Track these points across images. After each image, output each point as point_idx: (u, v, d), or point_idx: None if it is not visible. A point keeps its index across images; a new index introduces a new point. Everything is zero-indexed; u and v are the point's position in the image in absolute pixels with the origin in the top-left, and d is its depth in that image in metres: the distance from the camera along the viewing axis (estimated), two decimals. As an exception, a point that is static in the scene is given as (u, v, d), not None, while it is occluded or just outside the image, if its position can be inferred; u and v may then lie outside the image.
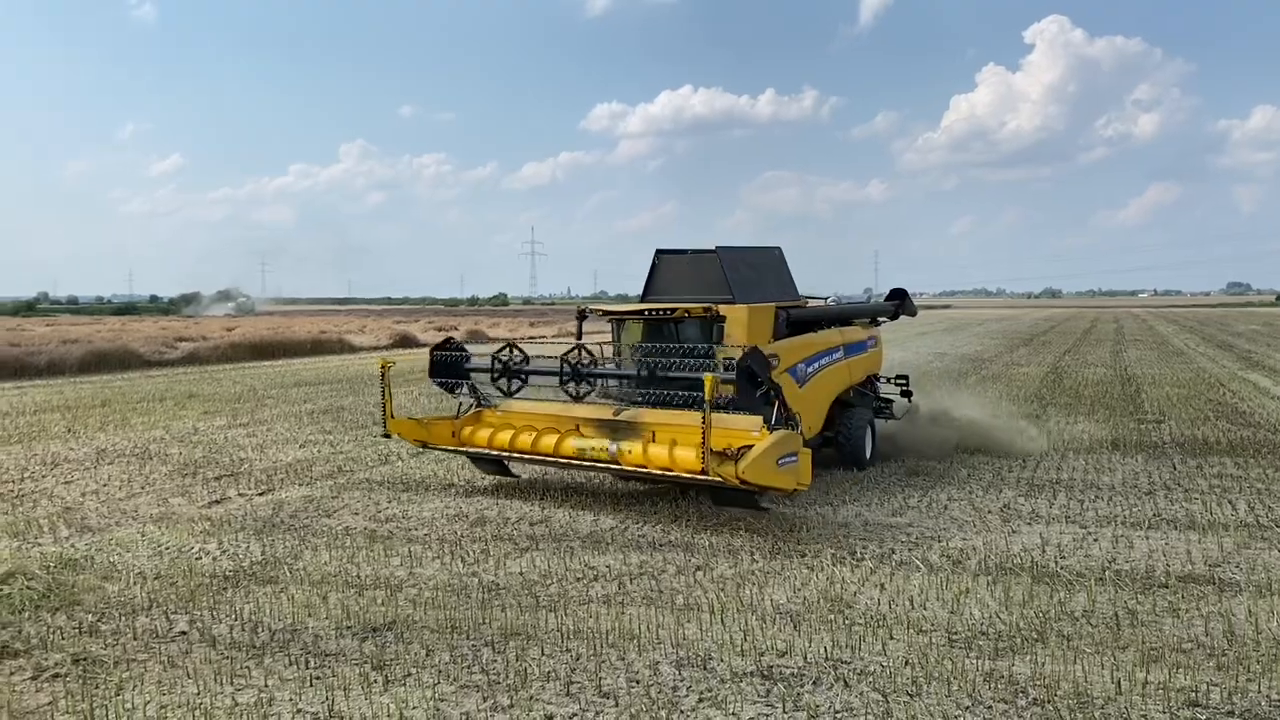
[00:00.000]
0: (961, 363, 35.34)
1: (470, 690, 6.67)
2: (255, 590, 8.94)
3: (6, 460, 15.96)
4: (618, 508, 11.95)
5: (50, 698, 6.61)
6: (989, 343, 49.17)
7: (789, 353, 13.11)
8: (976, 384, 26.91)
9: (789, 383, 12.84)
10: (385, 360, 14.03)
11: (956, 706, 6.31)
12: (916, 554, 9.87)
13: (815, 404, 13.75)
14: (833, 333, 14.63)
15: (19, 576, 9.06)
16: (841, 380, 14.56)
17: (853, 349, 14.91)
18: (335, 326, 62.39)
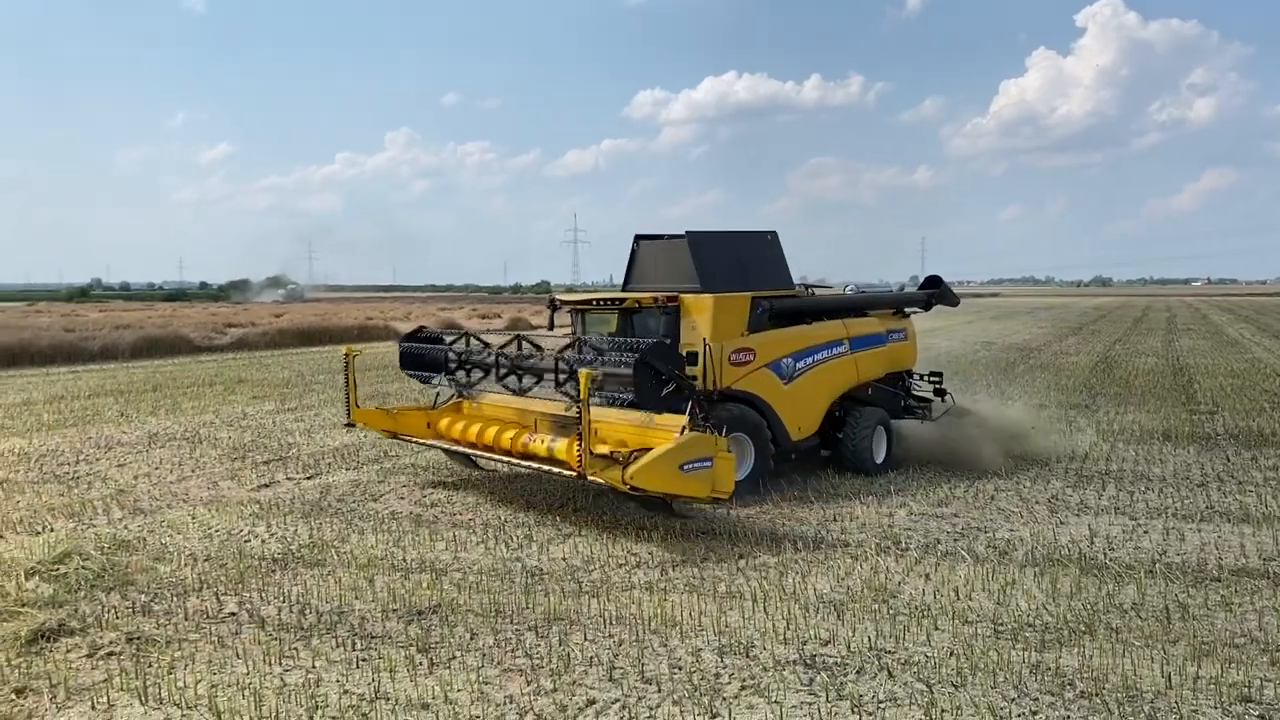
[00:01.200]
0: (1009, 352, 34.92)
1: (514, 674, 6.72)
2: (303, 572, 9.07)
3: (62, 444, 16.31)
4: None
5: (105, 675, 6.76)
6: (1037, 331, 48.55)
7: (769, 346, 12.42)
8: (1025, 373, 26.57)
9: (769, 379, 12.33)
10: (351, 349, 13.89)
11: (1002, 698, 6.25)
12: (962, 544, 9.78)
13: (807, 402, 12.88)
14: (832, 325, 13.57)
15: (75, 556, 9.27)
16: (846, 377, 13.52)
17: (863, 342, 13.84)
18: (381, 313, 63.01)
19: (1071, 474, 13.21)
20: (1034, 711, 6.07)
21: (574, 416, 10.87)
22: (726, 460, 9.90)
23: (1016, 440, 14.70)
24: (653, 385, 10.35)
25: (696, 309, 12.04)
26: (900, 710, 6.10)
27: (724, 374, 11.87)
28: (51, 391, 23.96)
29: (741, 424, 11.66)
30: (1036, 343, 40.15)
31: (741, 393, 12.05)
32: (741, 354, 12.08)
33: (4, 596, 8.27)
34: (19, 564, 9.11)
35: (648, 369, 10.31)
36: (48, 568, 8.99)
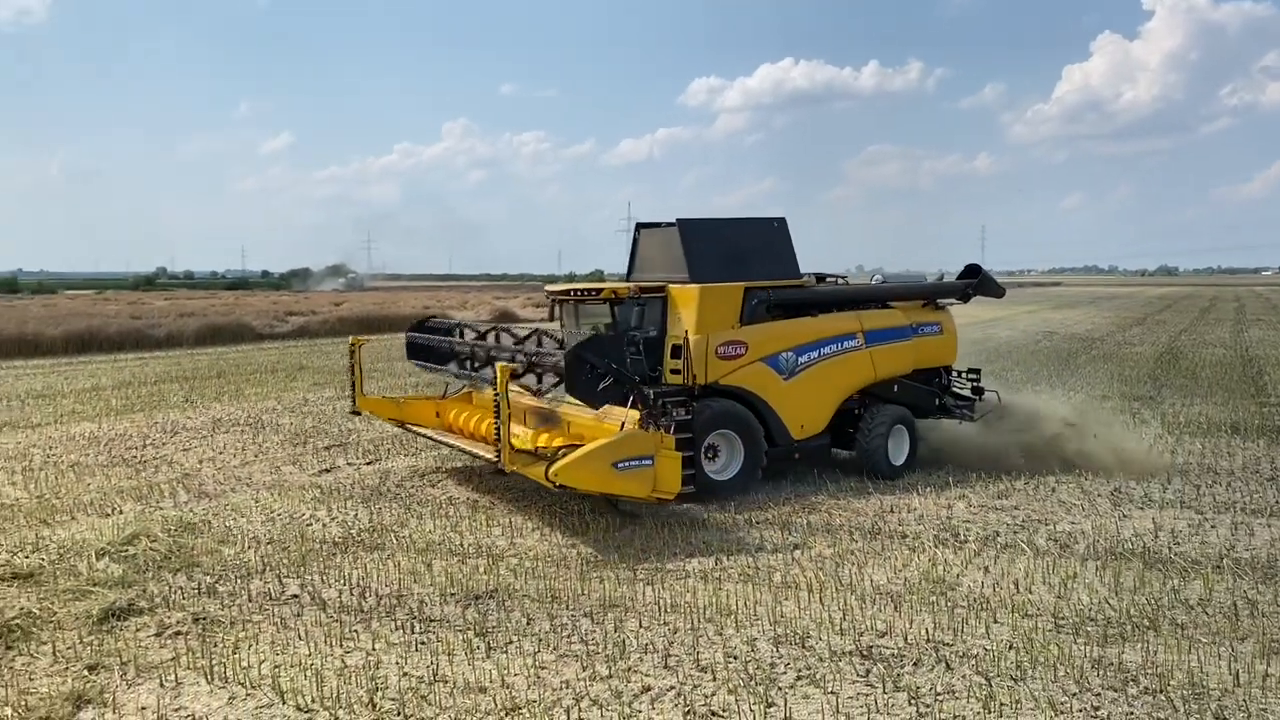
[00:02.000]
0: (1071, 342, 34.31)
1: (569, 659, 6.77)
2: (363, 556, 9.22)
3: (130, 428, 16.72)
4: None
5: (173, 654, 6.93)
6: (1100, 321, 47.62)
7: (765, 340, 11.82)
8: (1087, 364, 26.10)
9: (765, 374, 11.75)
10: (357, 339, 13.95)
11: (1063, 692, 6.16)
12: (1022, 536, 9.64)
13: (811, 399, 12.21)
14: (843, 318, 12.74)
15: (143, 538, 9.52)
16: (859, 373, 12.73)
17: (882, 336, 12.96)
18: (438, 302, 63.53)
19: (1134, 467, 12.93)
20: (1095, 707, 5.97)
21: (550, 410, 10.96)
22: (671, 459, 9.50)
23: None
24: (588, 379, 9.86)
25: (683, 300, 11.56)
26: (958, 703, 6.04)
27: (710, 368, 11.35)
28: (119, 377, 24.57)
29: (727, 420, 11.28)
30: (1099, 333, 39.39)
31: (732, 388, 11.53)
32: (731, 347, 11.51)
33: (76, 576, 8.52)
34: (90, 545, 9.38)
35: (581, 363, 9.83)
36: (117, 549, 9.25)
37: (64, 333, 33.02)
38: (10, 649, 7.02)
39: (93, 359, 30.12)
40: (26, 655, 6.93)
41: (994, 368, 24.65)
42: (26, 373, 26.06)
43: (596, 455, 9.17)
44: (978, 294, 14.50)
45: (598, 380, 9.87)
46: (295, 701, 6.14)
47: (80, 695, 6.24)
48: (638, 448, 9.28)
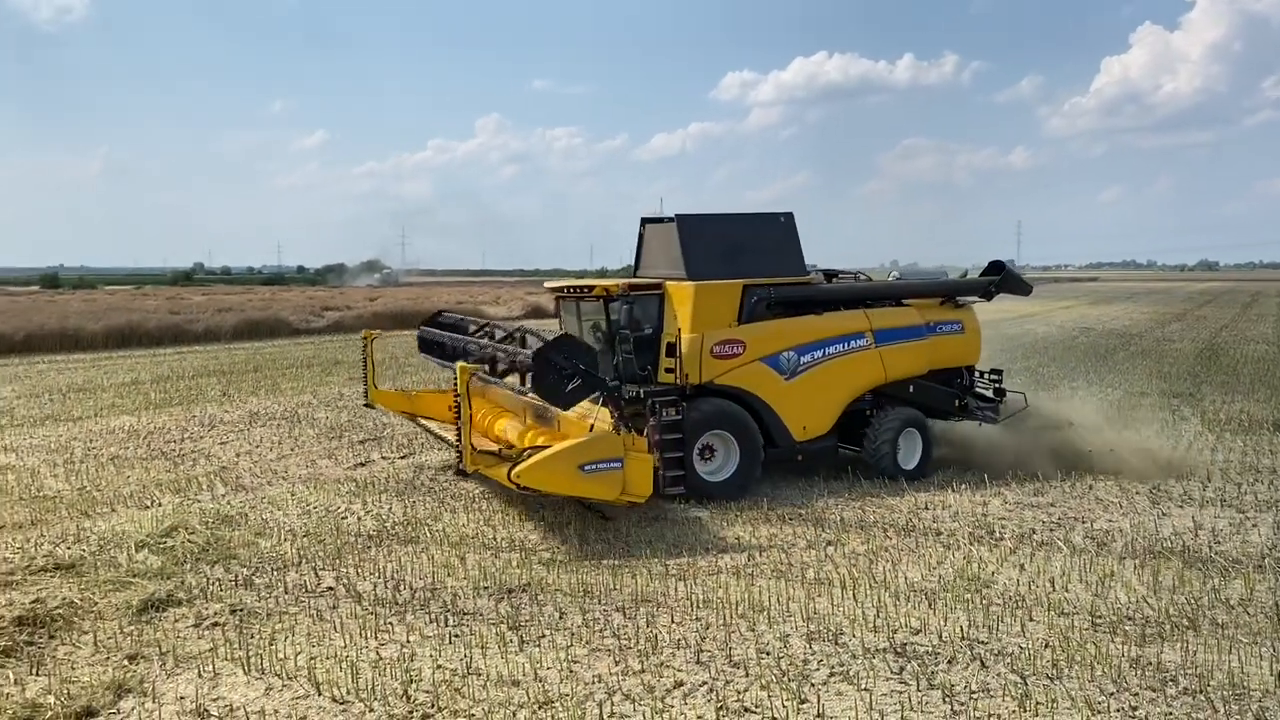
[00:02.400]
0: (1109, 338, 33.90)
1: (602, 654, 6.78)
2: (397, 549, 9.29)
3: (168, 422, 16.93)
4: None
5: (210, 644, 7.02)
6: (1138, 317, 46.99)
7: (764, 339, 11.54)
8: (1124, 360, 25.78)
9: (764, 374, 11.49)
10: (369, 332, 13.97)
11: (1100, 692, 6.10)
12: (1058, 534, 9.55)
13: (815, 400, 11.87)
14: (850, 316, 12.35)
15: (181, 530, 9.65)
16: (868, 373, 12.31)
17: (892, 335, 12.50)
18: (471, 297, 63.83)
19: (1176, 464, 12.75)
20: (1134, 707, 5.90)
21: (543, 409, 10.74)
22: (641, 461, 9.37)
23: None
24: (555, 380, 9.61)
25: (678, 297, 11.37)
26: (993, 701, 5.99)
27: (705, 367, 11.17)
28: (158, 371, 24.89)
29: (720, 421, 11.11)
30: (1137, 328, 38.87)
31: (728, 388, 11.33)
32: (727, 346, 11.29)
33: (116, 567, 8.65)
34: (129, 536, 9.51)
35: (548, 363, 9.60)
36: (156, 540, 9.38)
37: (104, 328, 33.50)
38: (53, 638, 7.14)
39: (132, 353, 30.53)
40: (69, 644, 7.05)
41: (1029, 364, 24.43)
42: (68, 367, 26.46)
43: (561, 457, 9.06)
44: (1002, 291, 13.76)
45: (565, 381, 9.63)
46: (331, 693, 6.20)
47: (121, 684, 6.34)
48: (605, 450, 9.16)
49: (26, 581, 8.29)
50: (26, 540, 9.60)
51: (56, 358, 29.06)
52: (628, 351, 11.16)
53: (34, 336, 31.43)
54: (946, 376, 13.20)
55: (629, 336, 11.16)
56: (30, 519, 10.48)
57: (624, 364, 11.24)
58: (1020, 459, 12.50)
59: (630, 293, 11.22)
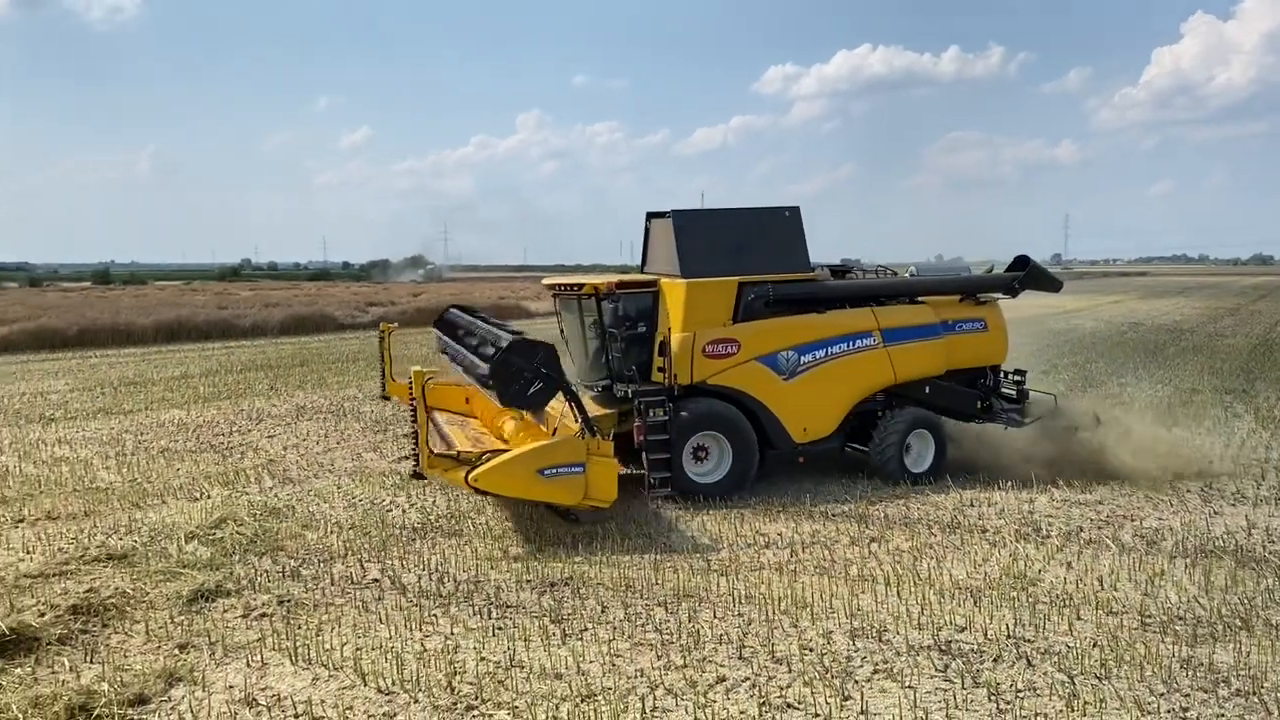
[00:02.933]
0: (1158, 333, 33.32)
1: (644, 648, 6.79)
2: (441, 542, 9.37)
3: (217, 415, 17.19)
4: (791, 477, 11.86)
5: (259, 635, 7.12)
6: (1189, 312, 46.12)
7: (760, 337, 11.23)
8: (1175, 356, 25.33)
9: (761, 374, 11.19)
10: (386, 325, 14.01)
11: (1149, 692, 6.00)
12: (1107, 532, 9.41)
13: (817, 400, 11.50)
14: (856, 314, 11.91)
15: (230, 522, 9.79)
16: (875, 373, 11.83)
17: (902, 334, 11.99)
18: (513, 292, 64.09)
19: (1227, 461, 12.52)
20: (1184, 708, 5.81)
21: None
22: (605, 466, 9.25)
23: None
24: (516, 383, 9.41)
25: (671, 295, 11.14)
26: (1040, 700, 5.93)
27: (697, 367, 10.95)
28: (207, 366, 25.28)
29: (711, 422, 10.91)
30: (1189, 324, 38.17)
31: (722, 388, 11.09)
32: (721, 345, 11.04)
33: (167, 558, 8.81)
34: (180, 528, 9.68)
35: (507, 367, 9.40)
36: (206, 532, 9.53)
37: (154, 322, 34.11)
38: (106, 627, 7.29)
39: (181, 348, 31.04)
40: (122, 633, 7.19)
41: (1076, 360, 24.11)
42: (119, 361, 26.97)
43: (520, 462, 9.02)
44: (1027, 288, 12.99)
45: (527, 384, 9.42)
46: (376, 684, 6.27)
47: (172, 673, 6.45)
48: (565, 455, 9.08)
49: (81, 571, 8.48)
50: (80, 531, 9.80)
51: (108, 352, 29.64)
52: (618, 350, 11.09)
53: (87, 331, 32.08)
54: (970, 377, 12.66)
55: (617, 335, 11.07)
56: (84, 510, 10.70)
57: (614, 363, 11.20)
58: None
59: (618, 291, 11.04)
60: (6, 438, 15.24)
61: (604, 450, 9.39)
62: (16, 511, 10.66)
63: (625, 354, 11.21)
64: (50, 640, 6.95)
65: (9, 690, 6.15)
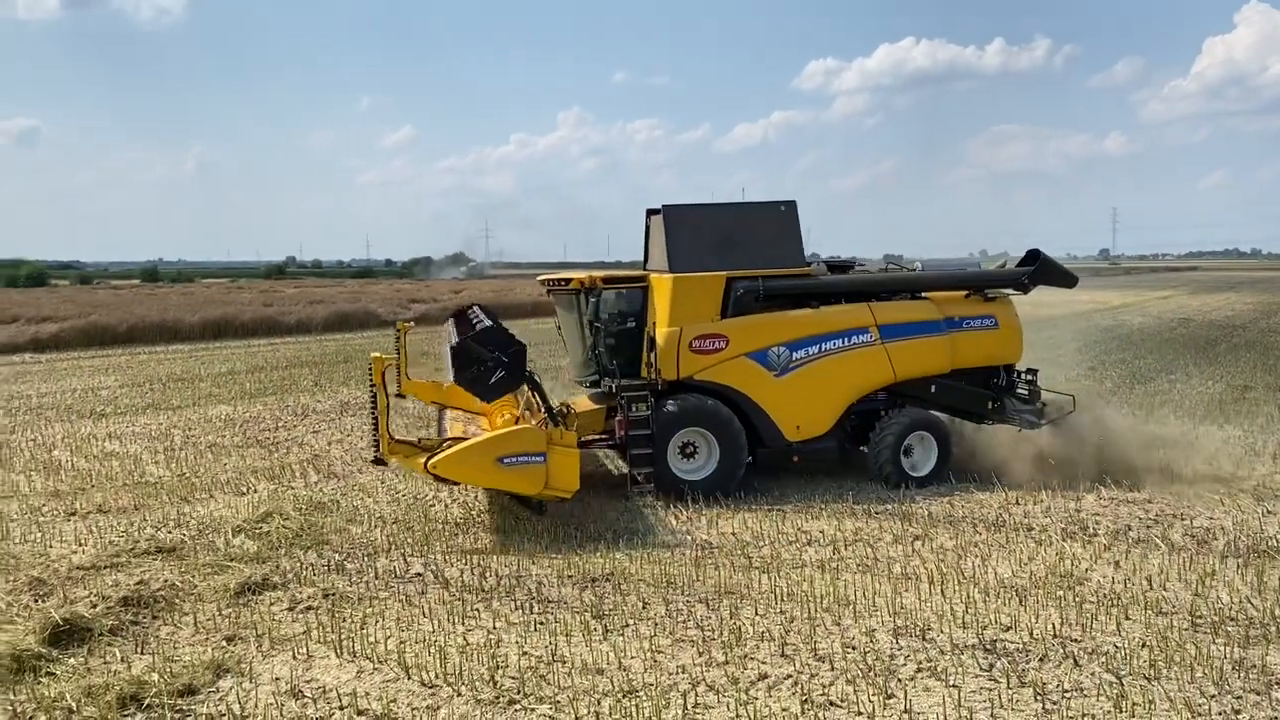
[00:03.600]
0: (1209, 329, 32.72)
1: (685, 644, 6.78)
2: (483, 537, 9.43)
3: (263, 411, 17.42)
4: (832, 474, 11.79)
5: (304, 627, 7.21)
6: (1242, 307, 45.22)
7: (749, 333, 11.08)
8: (1227, 352, 24.86)
9: (750, 370, 11.05)
10: (402, 324, 13.97)
11: (1200, 694, 5.89)
12: (1156, 531, 9.25)
13: (810, 398, 11.24)
14: (850, 310, 11.55)
15: (276, 516, 9.92)
16: (872, 370, 11.50)
17: (901, 330, 11.59)
18: (553, 289, 64.17)
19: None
20: (1236, 710, 5.69)
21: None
22: (567, 456, 9.21)
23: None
24: (478, 372, 9.43)
25: (659, 290, 11.10)
26: (1087, 701, 5.84)
27: (683, 362, 10.91)
28: (252, 362, 25.62)
29: (696, 418, 10.84)
30: (1241, 319, 37.43)
31: (710, 384, 11.01)
32: (708, 341, 10.97)
33: (214, 551, 8.94)
34: (227, 522, 9.83)
35: (468, 355, 9.43)
36: (252, 526, 9.67)
37: (201, 319, 34.63)
38: (156, 618, 7.41)
39: (227, 344, 31.49)
40: (171, 625, 7.30)
41: (1124, 357, 23.76)
42: (167, 357, 27.42)
43: (478, 450, 9.04)
44: (1038, 283, 12.39)
45: (489, 373, 9.43)
46: (420, 677, 6.31)
47: (220, 664, 6.54)
48: (525, 444, 9.08)
49: (131, 564, 8.63)
50: (130, 524, 9.98)
51: (156, 349, 30.15)
52: (605, 346, 11.09)
53: (136, 328, 32.66)
54: (983, 376, 12.16)
55: (602, 330, 11.06)
56: (134, 504, 10.89)
57: (602, 358, 11.20)
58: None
59: (603, 286, 11.06)
60: (59, 432, 15.55)
61: (566, 440, 9.43)
62: (69, 505, 10.88)
63: (613, 349, 11.17)
64: (102, 631, 7.09)
65: (63, 679, 6.28)
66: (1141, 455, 11.72)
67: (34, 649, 6.62)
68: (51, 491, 11.56)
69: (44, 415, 17.35)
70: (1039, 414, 12.09)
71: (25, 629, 6.89)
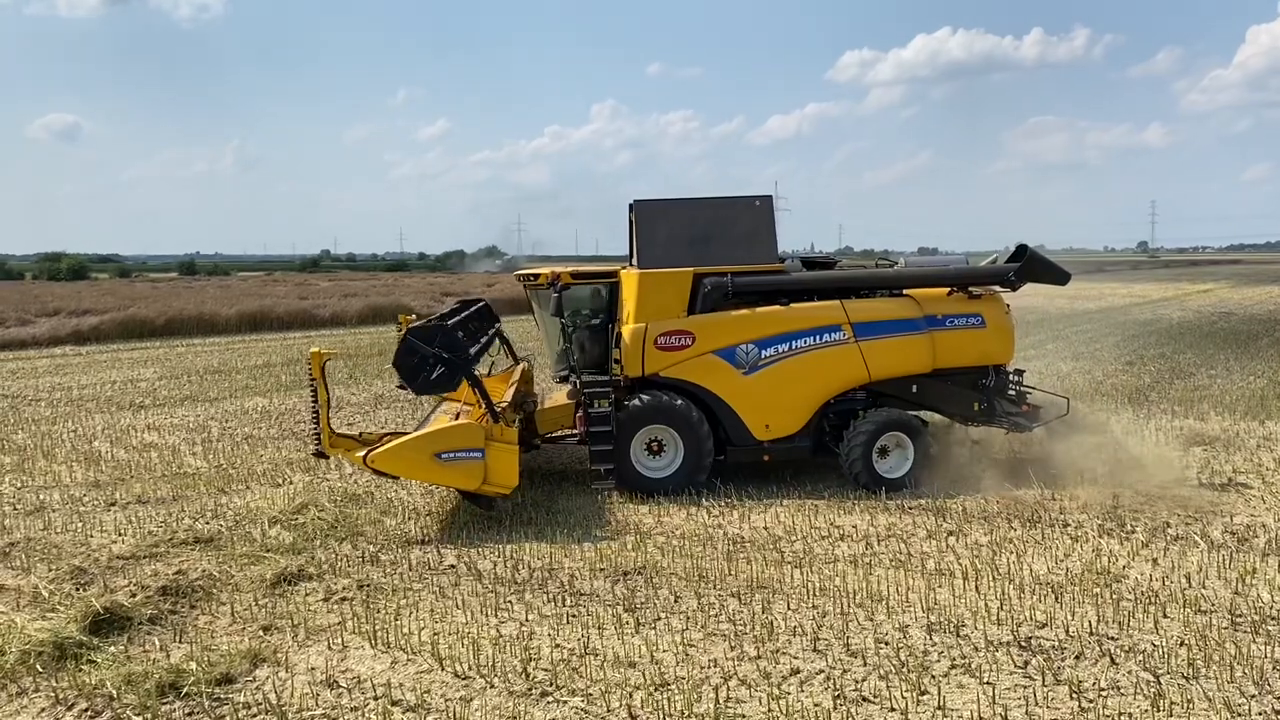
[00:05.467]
0: (1251, 324, 32.20)
1: (717, 639, 6.78)
2: (516, 529, 9.46)
3: (298, 403, 17.58)
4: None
5: (339, 618, 7.28)
6: (1283, 302, 44.44)
7: (717, 330, 10.90)
8: (1269, 347, 24.46)
9: (717, 367, 10.88)
10: (404, 316, 13.89)
11: (1240, 694, 5.82)
12: (1195, 528, 9.12)
13: (780, 396, 11.00)
14: (821, 307, 11.17)
15: (311, 508, 10.02)
16: (845, 369, 11.11)
17: (876, 328, 11.13)
18: (586, 282, 64.26)
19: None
20: (1276, 711, 5.62)
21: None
22: (505, 452, 9.20)
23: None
24: (417, 366, 9.44)
25: (626, 286, 11.08)
26: (1124, 699, 5.78)
27: (648, 359, 10.81)
28: (288, 355, 25.86)
29: (660, 416, 10.71)
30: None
31: (675, 380, 10.87)
32: (674, 337, 10.84)
33: (251, 542, 9.04)
34: (263, 513, 9.95)
35: (409, 349, 9.43)
36: (288, 517, 9.78)
37: (237, 313, 35.02)
38: (194, 608, 7.51)
39: (263, 337, 31.82)
40: (209, 614, 7.40)
41: (1163, 351, 23.44)
42: (204, 350, 27.75)
43: (416, 445, 9.11)
44: (1027, 280, 11.67)
45: (429, 369, 9.44)
46: (453, 668, 6.36)
47: (256, 654, 6.62)
48: (462, 440, 9.11)
49: (170, 554, 8.76)
50: (169, 515, 10.12)
51: (194, 341, 30.53)
52: (572, 341, 11.09)
53: (174, 321, 33.10)
54: (974, 376, 11.53)
55: (566, 325, 11.07)
56: (172, 494, 11.04)
57: (571, 353, 11.20)
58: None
59: (572, 281, 11.05)
60: (99, 424, 15.78)
61: (506, 436, 9.39)
62: (109, 495, 11.05)
63: (581, 344, 11.16)
64: (141, 620, 7.20)
65: (104, 667, 6.38)
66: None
67: (75, 637, 6.73)
68: (92, 482, 11.74)
69: (84, 407, 17.62)
70: (1031, 416, 11.62)
71: (67, 617, 7.01)
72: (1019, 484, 10.64)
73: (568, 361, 11.50)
